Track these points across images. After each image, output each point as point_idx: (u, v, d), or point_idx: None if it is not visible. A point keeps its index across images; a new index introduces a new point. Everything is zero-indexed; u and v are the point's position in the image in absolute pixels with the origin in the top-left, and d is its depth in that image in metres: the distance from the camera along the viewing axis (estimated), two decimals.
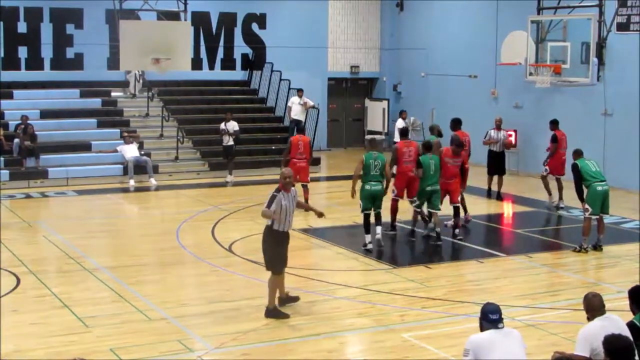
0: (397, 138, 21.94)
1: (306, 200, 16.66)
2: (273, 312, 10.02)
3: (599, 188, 13.32)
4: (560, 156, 17.58)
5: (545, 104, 21.36)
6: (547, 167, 17.57)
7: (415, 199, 14.45)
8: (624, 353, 5.86)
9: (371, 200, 13.52)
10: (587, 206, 13.35)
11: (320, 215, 10.82)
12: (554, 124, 18.05)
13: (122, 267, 12.60)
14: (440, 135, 15.77)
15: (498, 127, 18.82)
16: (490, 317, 6.45)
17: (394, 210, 14.71)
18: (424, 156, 14.10)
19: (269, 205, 9.76)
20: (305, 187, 16.95)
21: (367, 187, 13.49)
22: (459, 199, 14.89)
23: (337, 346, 9.30)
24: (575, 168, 13.53)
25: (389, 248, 14.17)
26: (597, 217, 13.46)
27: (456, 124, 16.57)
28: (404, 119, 22.10)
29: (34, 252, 13.55)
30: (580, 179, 13.41)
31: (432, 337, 9.50)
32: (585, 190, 13.53)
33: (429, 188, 14.07)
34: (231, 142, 20.71)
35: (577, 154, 13.91)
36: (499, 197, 18.43)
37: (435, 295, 11.17)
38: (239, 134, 20.89)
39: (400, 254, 14.13)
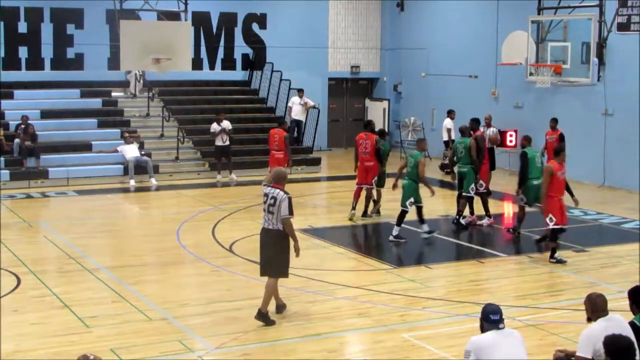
0: (445, 137, 22.07)
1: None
2: (264, 317, 9.79)
3: (535, 182, 14.02)
4: None
5: (545, 104, 21.35)
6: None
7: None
8: (624, 353, 5.84)
9: (403, 195, 14.25)
10: (522, 196, 14.28)
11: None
12: (557, 122, 18.19)
13: (122, 267, 12.60)
14: (473, 131, 15.65)
15: (488, 125, 19.41)
16: (491, 318, 6.43)
17: (356, 196, 15.97)
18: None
19: (291, 212, 9.62)
20: None
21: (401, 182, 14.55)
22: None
23: (337, 346, 9.30)
24: (525, 156, 14.21)
25: (390, 248, 14.18)
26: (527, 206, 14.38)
27: (476, 124, 16.40)
28: (452, 118, 22.15)
29: (34, 252, 13.55)
30: (526, 168, 14.13)
31: (432, 337, 9.50)
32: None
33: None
34: (228, 142, 20.68)
35: (528, 140, 14.63)
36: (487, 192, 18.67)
37: (435, 295, 11.18)
38: (232, 133, 20.87)
39: (401, 254, 14.13)
